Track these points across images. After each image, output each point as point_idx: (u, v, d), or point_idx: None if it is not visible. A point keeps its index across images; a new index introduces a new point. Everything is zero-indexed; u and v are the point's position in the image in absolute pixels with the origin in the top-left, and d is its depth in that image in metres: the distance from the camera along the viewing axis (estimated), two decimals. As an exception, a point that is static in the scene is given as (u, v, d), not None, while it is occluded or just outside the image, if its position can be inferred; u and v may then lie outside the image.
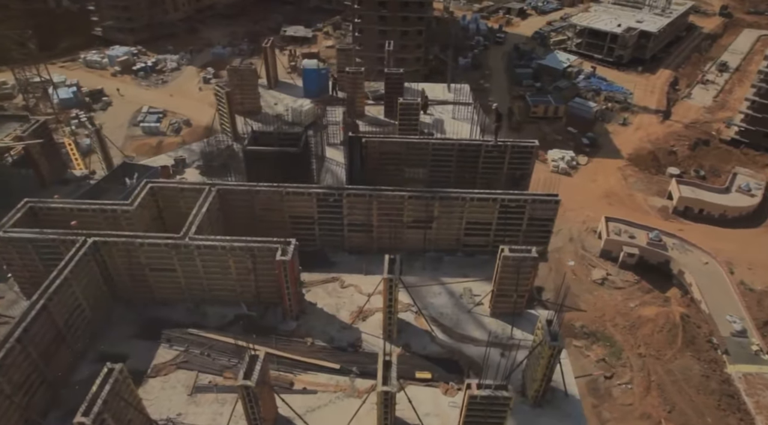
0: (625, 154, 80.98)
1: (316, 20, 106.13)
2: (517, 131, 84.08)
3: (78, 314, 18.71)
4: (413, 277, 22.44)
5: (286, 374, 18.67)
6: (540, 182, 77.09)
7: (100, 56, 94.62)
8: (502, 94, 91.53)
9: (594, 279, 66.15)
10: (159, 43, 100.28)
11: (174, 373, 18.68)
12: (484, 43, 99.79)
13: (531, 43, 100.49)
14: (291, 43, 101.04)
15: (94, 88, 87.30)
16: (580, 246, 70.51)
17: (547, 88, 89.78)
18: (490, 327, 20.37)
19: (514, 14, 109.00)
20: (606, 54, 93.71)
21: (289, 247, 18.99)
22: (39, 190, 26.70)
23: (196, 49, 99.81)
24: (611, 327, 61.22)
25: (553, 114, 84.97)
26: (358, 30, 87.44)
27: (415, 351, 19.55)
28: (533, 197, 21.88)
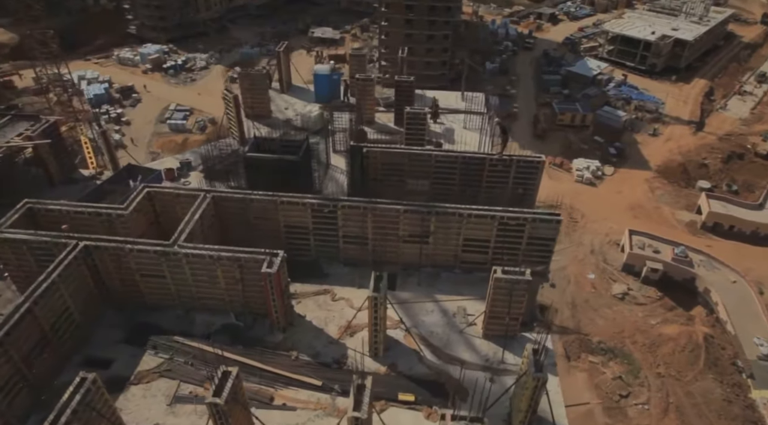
0: (654, 165, 78.59)
1: (344, 22, 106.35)
2: (541, 138, 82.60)
3: (66, 317, 18.81)
4: (407, 293, 21.94)
5: (267, 388, 18.39)
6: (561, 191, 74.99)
7: (133, 54, 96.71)
8: (529, 100, 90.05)
9: (614, 294, 64.37)
10: (190, 41, 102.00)
11: (156, 381, 18.60)
12: (513, 48, 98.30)
13: (561, 49, 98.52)
14: (319, 45, 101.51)
15: (125, 84, 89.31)
16: (602, 259, 68.73)
17: (575, 95, 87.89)
18: (481, 350, 19.69)
19: (545, 19, 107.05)
20: (638, 62, 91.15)
21: (276, 259, 18.70)
22: (47, 189, 27.15)
23: (226, 49, 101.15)
24: (630, 344, 59.38)
25: (580, 122, 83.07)
26: (385, 33, 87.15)
27: (401, 370, 19.02)
28: (533, 215, 21.08)
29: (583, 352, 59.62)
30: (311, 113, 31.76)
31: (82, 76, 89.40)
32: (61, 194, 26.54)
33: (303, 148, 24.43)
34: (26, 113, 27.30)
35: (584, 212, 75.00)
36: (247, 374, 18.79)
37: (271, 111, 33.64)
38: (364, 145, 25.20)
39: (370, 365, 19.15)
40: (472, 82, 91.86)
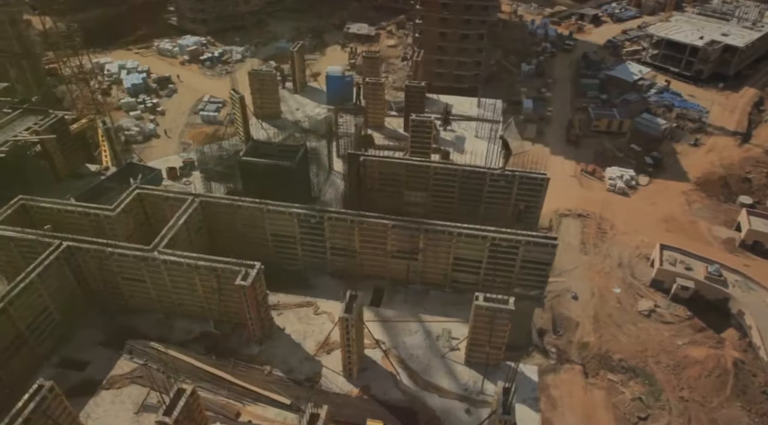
0: (692, 177, 74.93)
1: (380, 18, 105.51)
2: (575, 144, 80.00)
3: (45, 317, 18.91)
4: (392, 310, 21.19)
5: (235, 403, 18.03)
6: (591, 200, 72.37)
7: (172, 45, 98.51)
8: (564, 104, 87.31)
9: (640, 310, 61.77)
10: (228, 34, 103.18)
11: (128, 387, 18.50)
12: (551, 49, 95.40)
13: (602, 52, 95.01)
14: (353, 41, 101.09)
15: (163, 75, 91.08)
16: (630, 273, 66.12)
17: (613, 100, 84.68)
18: (461, 377, 18.79)
19: (587, 21, 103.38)
20: (683, 68, 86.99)
21: (252, 271, 18.27)
22: (54, 183, 27.57)
23: (262, 42, 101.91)
24: (653, 364, 56.93)
25: (617, 129, 79.99)
26: (419, 31, 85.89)
27: (374, 393, 18.32)
28: (527, 237, 19.93)
29: (602, 369, 57.48)
30: (319, 115, 31.24)
31: (122, 65, 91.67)
32: (67, 188, 26.94)
33: (299, 154, 23.89)
34: (37, 108, 27.59)
35: (614, 222, 72.27)
36: (217, 386, 18.51)
37: (281, 112, 33.28)
38: (361, 153, 24.51)
39: (343, 386, 18.54)
40: (506, 84, 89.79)
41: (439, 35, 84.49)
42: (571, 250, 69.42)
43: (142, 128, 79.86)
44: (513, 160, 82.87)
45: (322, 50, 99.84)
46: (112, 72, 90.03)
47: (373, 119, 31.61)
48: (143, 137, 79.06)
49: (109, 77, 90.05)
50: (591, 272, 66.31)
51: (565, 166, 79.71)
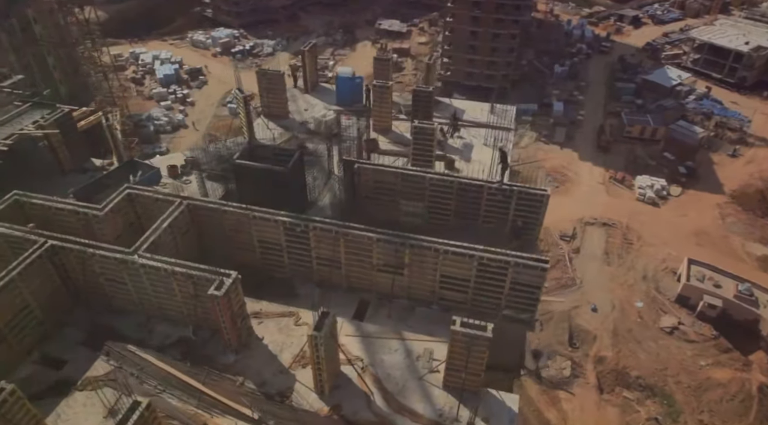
0: (728, 190, 71.61)
1: (413, 15, 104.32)
2: (605, 150, 77.64)
3: (26, 315, 19.06)
4: (374, 326, 20.58)
5: (202, 413, 17.77)
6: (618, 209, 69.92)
7: (206, 37, 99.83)
8: (597, 108, 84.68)
9: (663, 326, 59.56)
10: (260, 27, 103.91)
11: (101, 389, 18.46)
12: (587, 51, 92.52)
13: (640, 55, 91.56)
14: (384, 37, 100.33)
15: (194, 66, 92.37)
16: (654, 287, 63.85)
17: (648, 106, 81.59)
18: (437, 402, 18.05)
19: (626, 22, 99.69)
20: (726, 74, 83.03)
21: (227, 281, 17.93)
22: (59, 176, 27.93)
23: (293, 37, 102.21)
24: (672, 384, 54.81)
25: (650, 136, 77.11)
26: (450, 29, 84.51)
27: (344, 413, 17.79)
28: (516, 259, 18.98)
29: (618, 385, 55.65)
30: (325, 117, 30.74)
31: (156, 55, 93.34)
32: (71, 182, 27.24)
33: (293, 160, 23.46)
34: (46, 101, 27.96)
35: (641, 233, 69.84)
36: (188, 394, 18.30)
37: (289, 112, 32.93)
38: (355, 160, 23.91)
39: (314, 403, 18.06)
40: (537, 86, 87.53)
41: (470, 34, 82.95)
42: (594, 260, 67.48)
43: (171, 118, 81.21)
44: (532, 170, 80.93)
45: (353, 46, 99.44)
46: (146, 62, 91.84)
47: (379, 123, 30.92)
48: (172, 127, 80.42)
49: (143, 67, 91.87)
50: (613, 283, 64.35)
51: (594, 172, 77.44)
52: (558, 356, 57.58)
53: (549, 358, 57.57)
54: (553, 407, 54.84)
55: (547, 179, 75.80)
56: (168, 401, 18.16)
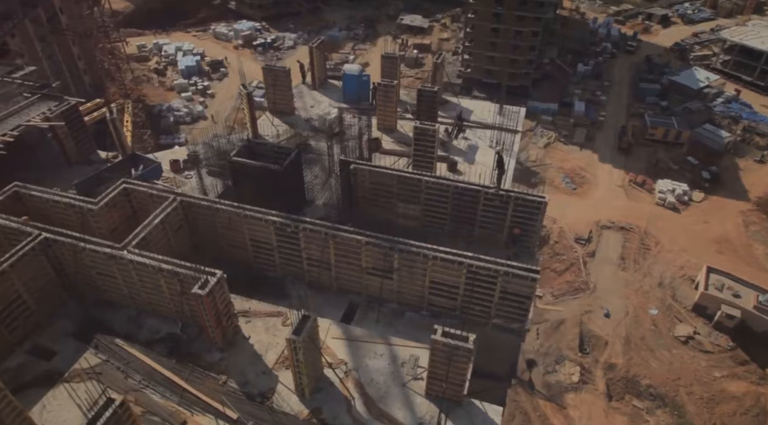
0: (754, 197, 69.41)
1: (436, 11, 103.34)
2: (625, 152, 75.96)
3: (18, 305, 19.37)
4: (361, 329, 20.38)
5: (183, 410, 17.84)
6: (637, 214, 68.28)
7: (228, 29, 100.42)
8: (619, 109, 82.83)
9: (677, 335, 58.22)
10: (282, 21, 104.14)
11: (87, 382, 18.67)
12: (612, 50, 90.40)
13: (667, 55, 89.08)
14: (406, 32, 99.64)
15: (215, 58, 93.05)
16: (670, 295, 62.38)
17: (673, 108, 79.42)
18: (418, 410, 17.79)
19: (654, 21, 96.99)
20: (757, 77, 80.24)
21: (211, 280, 17.93)
22: (66, 168, 28.37)
23: (314, 30, 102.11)
24: (684, 395, 53.59)
25: (674, 139, 75.10)
26: (471, 26, 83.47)
27: (324, 418, 17.67)
28: (506, 268, 18.54)
29: (628, 394, 54.62)
30: (328, 115, 30.56)
31: (179, 47, 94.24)
32: (77, 174, 27.62)
33: (289, 159, 23.34)
34: (54, 94, 28.36)
35: (660, 239, 68.25)
36: (171, 391, 18.40)
37: (295, 108, 32.84)
38: (352, 161, 23.67)
39: (294, 405, 17.98)
40: (559, 84, 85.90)
41: (491, 31, 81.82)
42: (609, 264, 66.23)
43: (191, 109, 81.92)
44: (550, 171, 79.21)
45: (374, 41, 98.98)
46: (169, 53, 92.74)
47: (383, 122, 30.62)
48: (191, 118, 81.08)
49: (166, 58, 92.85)
50: (628, 289, 63.09)
51: (613, 175, 75.90)
52: (567, 361, 56.72)
53: (557, 363, 56.79)
54: (560, 413, 54.05)
55: (564, 181, 74.49)
56: (150, 396, 18.29)
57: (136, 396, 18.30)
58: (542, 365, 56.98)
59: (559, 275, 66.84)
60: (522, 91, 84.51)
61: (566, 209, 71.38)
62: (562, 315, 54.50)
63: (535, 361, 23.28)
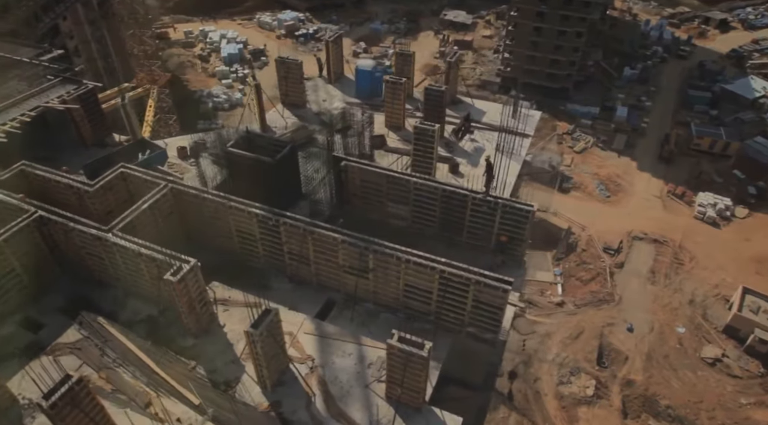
0: (803, 218, 65.38)
1: (481, 7, 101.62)
2: (667, 162, 72.93)
3: (10, 278, 20.40)
4: (334, 327, 20.41)
5: (150, 391, 18.38)
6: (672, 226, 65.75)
7: (272, 18, 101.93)
8: (664, 116, 79.44)
9: (704, 356, 55.82)
10: (326, 12, 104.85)
11: (66, 357, 19.51)
12: (663, 54, 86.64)
13: (722, 62, 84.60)
14: (448, 28, 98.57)
15: (257, 47, 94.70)
16: (701, 313, 59.84)
17: (723, 118, 75.53)
18: (375, 413, 17.69)
19: (712, 25, 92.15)
20: (819, 89, 75.23)
21: (185, 267, 18.33)
22: (81, 149, 29.57)
23: (357, 22, 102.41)
24: (705, 419, 51.41)
25: (721, 150, 71.50)
26: (513, 24, 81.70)
27: (283, 411, 17.82)
28: (478, 277, 18.12)
29: (645, 412, 52.80)
30: (335, 109, 30.60)
31: (224, 34, 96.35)
32: (92, 155, 28.78)
33: (283, 152, 23.53)
34: (74, 77, 29.57)
35: (695, 254, 65.38)
36: (141, 372, 18.98)
37: (306, 101, 33.05)
38: (343, 157, 23.65)
39: (256, 397, 18.22)
40: (603, 88, 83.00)
41: (533, 30, 79.88)
42: (638, 277, 64.01)
43: (229, 96, 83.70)
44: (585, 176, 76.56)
45: (415, 36, 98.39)
46: (213, 40, 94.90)
47: (391, 119, 30.42)
48: (229, 105, 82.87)
49: (210, 45, 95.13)
50: (655, 304, 60.83)
51: (651, 184, 73.09)
52: (583, 373, 55.23)
53: (573, 374, 55.40)
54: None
55: (597, 188, 72.27)
56: (122, 375, 18.94)
57: (108, 374, 18.99)
58: (556, 375, 55.70)
59: (584, 285, 65.03)
60: (562, 93, 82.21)
61: (597, 217, 69.24)
62: (552, 328, 52.97)
63: (516, 373, 22.60)
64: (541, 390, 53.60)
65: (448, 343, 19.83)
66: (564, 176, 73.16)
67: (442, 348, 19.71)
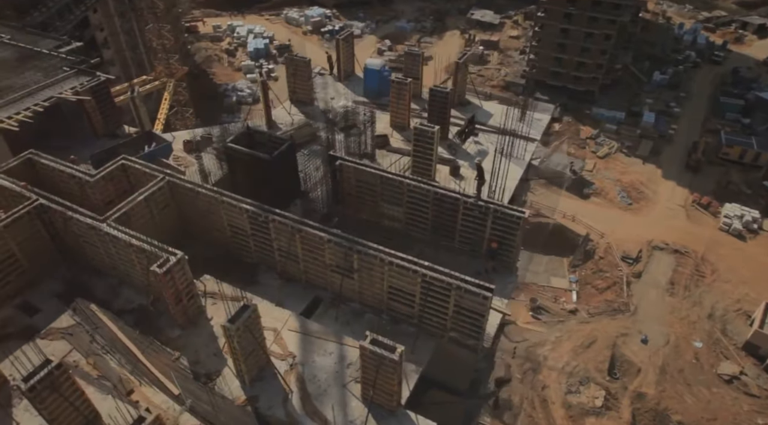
0: (835, 234, 62.75)
1: (509, 7, 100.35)
2: (694, 170, 70.92)
3: (10, 263, 21.12)
4: (319, 325, 20.52)
5: (133, 379, 18.81)
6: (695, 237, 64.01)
7: (299, 14, 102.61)
8: (694, 124, 77.17)
9: (721, 372, 54.22)
10: (353, 9, 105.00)
11: (58, 341, 20.13)
12: (696, 59, 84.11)
13: (758, 69, 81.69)
14: (475, 27, 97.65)
15: (283, 42, 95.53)
16: (720, 328, 58.13)
17: (756, 127, 72.98)
18: (350, 413, 17.72)
19: (750, 30, 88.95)
20: None
21: (171, 260, 18.68)
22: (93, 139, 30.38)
23: (383, 20, 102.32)
24: (718, 439, 49.87)
25: (751, 161, 69.13)
26: (540, 25, 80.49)
27: (259, 407, 18.02)
28: (460, 282, 17.95)
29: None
30: (340, 108, 30.68)
31: (251, 29, 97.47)
32: (102, 146, 29.53)
33: (280, 149, 23.72)
34: (88, 69, 30.37)
35: (718, 267, 63.49)
36: (127, 360, 19.43)
37: (314, 99, 33.24)
38: (338, 156, 23.70)
39: (234, 390, 18.46)
40: (630, 92, 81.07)
41: (560, 32, 78.57)
42: (656, 288, 62.52)
43: (253, 90, 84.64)
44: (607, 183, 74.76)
45: (441, 35, 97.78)
46: (240, 35, 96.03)
47: (395, 119, 30.36)
48: (253, 99, 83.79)
49: (237, 40, 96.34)
50: (672, 317, 59.35)
51: (675, 193, 71.22)
52: (593, 384, 54.27)
53: (582, 384, 54.48)
54: (577, 435, 51.82)
55: (619, 195, 70.73)
56: (109, 362, 19.43)
57: (96, 360, 19.52)
58: (565, 384, 54.87)
59: (600, 293, 63.81)
60: (588, 96, 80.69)
61: (617, 224, 67.78)
62: (543, 337, 52.02)
63: (504, 379, 22.13)
64: (548, 398, 52.84)
65: (430, 347, 19.73)
66: (585, 181, 71.86)
67: (425, 352, 19.65)
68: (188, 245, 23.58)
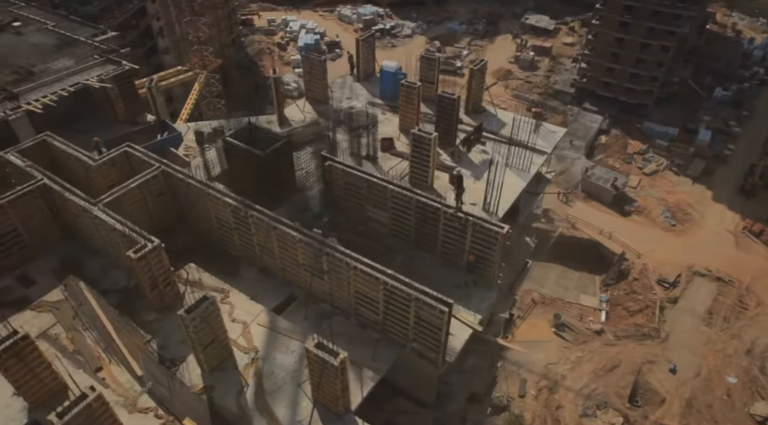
0: None
1: (566, 13, 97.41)
2: (748, 195, 66.74)
3: (12, 237, 22.57)
4: (287, 323, 20.74)
5: (104, 357, 19.67)
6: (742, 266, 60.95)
7: (352, 12, 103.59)
8: (754, 145, 72.47)
9: (753, 413, 51.10)
10: (406, 9, 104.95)
11: (46, 313, 21.34)
12: (764, 77, 78.87)
13: (833, 89, 75.66)
14: (528, 32, 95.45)
15: (333, 39, 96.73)
16: (759, 365, 54.69)
17: (823, 153, 67.63)
18: (299, 413, 17.82)
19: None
20: None
21: (147, 246, 19.39)
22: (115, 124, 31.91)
23: (435, 21, 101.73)
24: (740, 482, 46.96)
25: (813, 190, 64.15)
26: (594, 33, 77.74)
27: (213, 396, 18.44)
28: (418, 293, 17.65)
29: (669, 455, 49.15)
30: (352, 109, 30.77)
31: (303, 24, 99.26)
32: (120, 130, 31.02)
33: (274, 146, 24.11)
34: (115, 58, 31.90)
35: (764, 300, 59.61)
36: (102, 338, 20.35)
37: (330, 97, 33.51)
38: (329, 157, 23.82)
39: (194, 378, 18.98)
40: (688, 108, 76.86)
41: (615, 41, 75.67)
42: (692, 316, 59.45)
43: (299, 84, 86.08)
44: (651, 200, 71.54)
45: (492, 38, 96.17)
46: (293, 30, 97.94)
47: (404, 123, 30.19)
48: (298, 93, 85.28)
49: (289, 34, 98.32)
50: (707, 348, 56.29)
51: (725, 217, 67.31)
52: (611, 409, 52.22)
53: (599, 408, 52.50)
54: (586, 464, 50.13)
55: (663, 214, 67.52)
56: (86, 338, 20.42)
57: (74, 335, 20.56)
58: (581, 406, 53.05)
59: (631, 316, 61.28)
60: (640, 109, 77.31)
61: (657, 245, 64.74)
62: (528, 357, 49.96)
63: (478, 396, 21.28)
64: (561, 419, 51.20)
65: (392, 356, 19.56)
66: (627, 198, 68.95)
67: (386, 360, 19.50)
68: (180, 233, 24.53)
